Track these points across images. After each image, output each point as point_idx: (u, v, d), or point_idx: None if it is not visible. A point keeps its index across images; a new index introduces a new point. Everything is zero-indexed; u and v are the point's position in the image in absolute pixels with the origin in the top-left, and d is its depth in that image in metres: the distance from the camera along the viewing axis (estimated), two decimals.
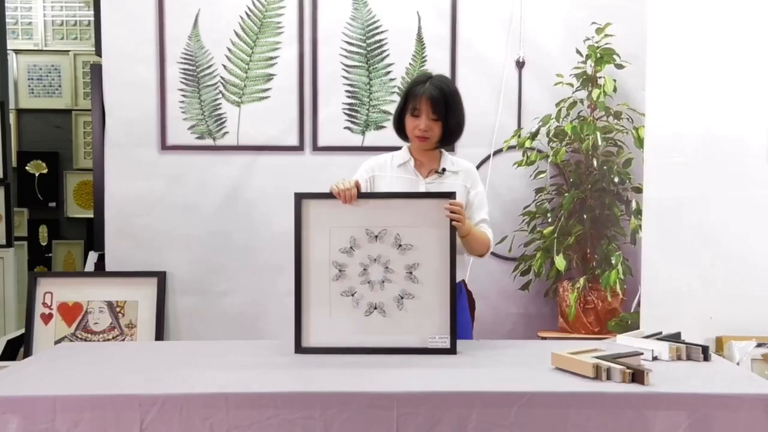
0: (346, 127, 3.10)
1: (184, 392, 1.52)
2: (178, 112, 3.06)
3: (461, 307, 2.16)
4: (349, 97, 3.09)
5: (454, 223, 1.95)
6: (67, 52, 4.08)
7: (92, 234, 3.36)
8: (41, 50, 4.10)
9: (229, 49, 3.05)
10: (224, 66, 3.06)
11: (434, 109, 2.09)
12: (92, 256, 3.22)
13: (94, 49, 3.38)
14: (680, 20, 2.47)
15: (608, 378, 1.59)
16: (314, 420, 1.50)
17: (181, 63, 3.05)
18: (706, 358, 1.82)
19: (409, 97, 2.13)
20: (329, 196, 2.03)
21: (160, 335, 2.98)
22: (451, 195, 2.01)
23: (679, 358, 1.82)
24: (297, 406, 1.50)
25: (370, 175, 2.24)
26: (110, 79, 3.03)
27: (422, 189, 2.16)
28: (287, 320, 1.93)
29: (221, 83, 3.06)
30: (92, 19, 3.72)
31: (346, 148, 3.09)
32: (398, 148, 2.69)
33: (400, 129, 2.20)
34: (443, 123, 2.11)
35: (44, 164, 4.12)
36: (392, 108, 3.09)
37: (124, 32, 3.01)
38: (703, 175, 2.44)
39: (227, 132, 3.07)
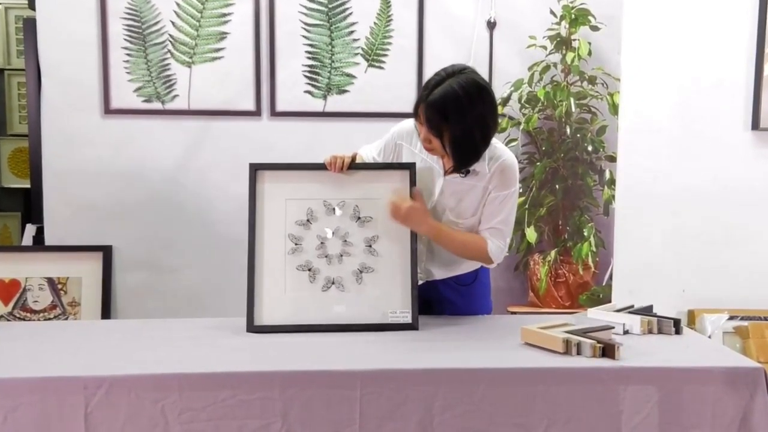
0: (306, 91, 3.06)
1: (132, 373, 1.51)
2: (122, 72, 2.98)
3: (484, 292, 2.17)
4: (309, 58, 3.05)
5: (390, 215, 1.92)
6: None
7: (30, 205, 3.28)
8: None
9: (177, 4, 2.97)
10: (173, 23, 2.98)
11: (429, 125, 1.85)
12: (30, 229, 3.15)
13: (26, 1, 3.26)
14: None
15: (578, 353, 1.64)
16: (273, 401, 1.51)
17: (125, 19, 2.96)
18: (678, 331, 1.88)
19: (418, 98, 1.89)
20: (286, 166, 2.02)
21: (106, 314, 2.94)
22: (410, 167, 2.00)
23: (650, 332, 1.88)
24: (255, 386, 1.51)
25: (396, 142, 2.08)
26: (46, 36, 2.93)
27: (439, 185, 2.00)
28: (245, 297, 1.92)
29: (170, 41, 2.99)
30: None
31: (307, 114, 3.06)
32: (369, 115, 2.70)
33: None
34: (442, 141, 1.86)
35: None
36: (356, 71, 3.08)
37: None
38: (679, 143, 2.49)
39: (177, 95, 3.01)
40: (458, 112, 1.82)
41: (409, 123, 2.07)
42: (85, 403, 1.47)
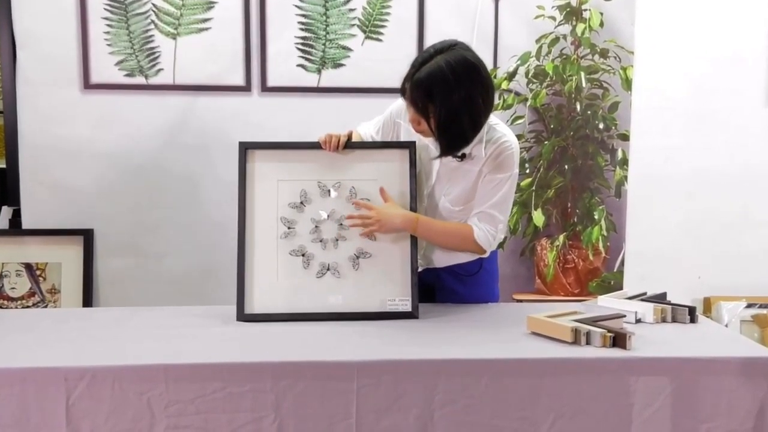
0: (299, 65, 3.05)
1: (116, 364, 1.52)
2: (103, 44, 2.96)
3: (490, 281, 2.15)
4: (302, 29, 3.03)
5: (365, 232, 1.92)
6: None
7: (5, 186, 3.27)
8: None
9: None
10: None
11: (414, 105, 1.84)
12: (6, 212, 3.14)
13: None
14: None
15: (588, 342, 1.64)
16: (265, 393, 1.51)
17: None
18: (693, 319, 1.88)
19: (405, 76, 1.86)
20: (277, 145, 2.02)
21: (87, 302, 2.94)
22: (410, 146, 1.99)
23: (664, 321, 1.88)
24: (245, 378, 1.51)
25: (395, 120, 2.08)
26: (21, 5, 2.90)
27: (435, 169, 2.00)
28: (235, 284, 1.93)
29: (153, 11, 2.96)
30: None
31: (300, 89, 3.04)
32: (366, 90, 2.69)
33: None
34: (428, 121, 1.85)
35: None
36: (352, 43, 3.06)
37: None
38: (695, 120, 2.49)
39: (161, 69, 2.99)
40: (444, 92, 1.78)
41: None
42: (66, 396, 1.48)
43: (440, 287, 2.11)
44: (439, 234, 1.98)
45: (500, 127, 1.98)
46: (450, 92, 1.79)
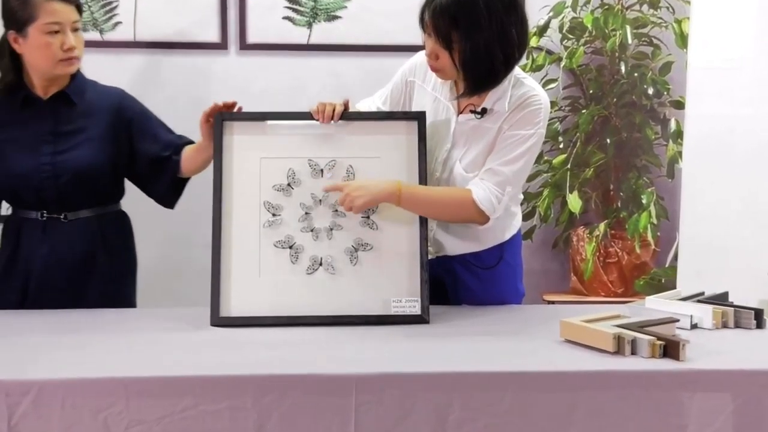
0: (285, 17, 3.05)
1: (67, 377, 1.52)
2: None
3: (512, 276, 2.16)
4: None
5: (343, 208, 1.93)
6: None
7: None
8: None
9: None
10: None
11: (436, 33, 1.87)
12: None
13: None
14: None
15: (633, 352, 1.65)
16: (246, 410, 1.52)
17: None
18: (760, 324, 1.89)
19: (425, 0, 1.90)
20: (260, 116, 2.02)
21: None
22: (418, 116, 1.99)
23: (725, 326, 1.89)
24: (222, 394, 1.52)
25: (408, 79, 2.11)
26: None
27: (451, 130, 2.02)
28: (209, 282, 1.93)
29: None
30: None
31: (287, 47, 3.05)
32: (366, 48, 2.67)
33: None
34: (451, 54, 1.87)
35: None
36: None
37: None
38: (763, 85, 2.48)
39: (119, 22, 3.00)
40: (474, 18, 1.82)
41: (423, 56, 2.04)
42: (8, 414, 1.48)
43: (453, 282, 2.11)
44: (429, 202, 1.97)
45: (528, 81, 2.00)
46: (479, 18, 1.82)
